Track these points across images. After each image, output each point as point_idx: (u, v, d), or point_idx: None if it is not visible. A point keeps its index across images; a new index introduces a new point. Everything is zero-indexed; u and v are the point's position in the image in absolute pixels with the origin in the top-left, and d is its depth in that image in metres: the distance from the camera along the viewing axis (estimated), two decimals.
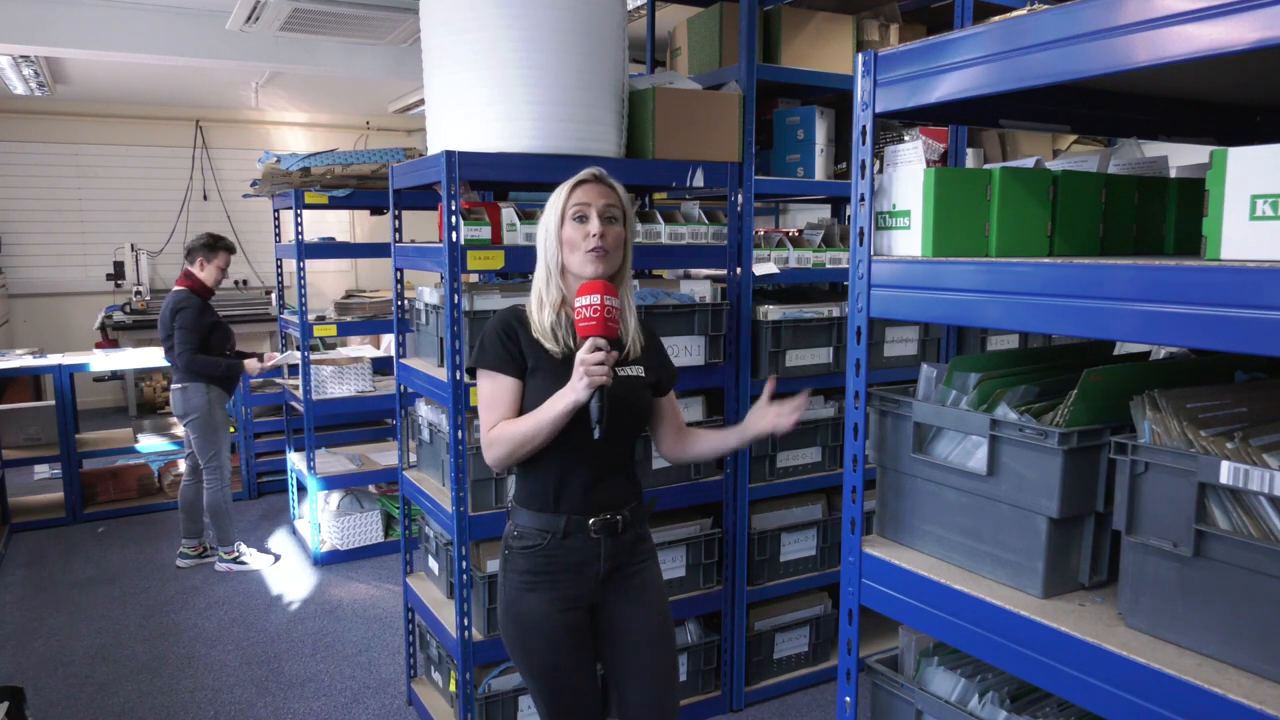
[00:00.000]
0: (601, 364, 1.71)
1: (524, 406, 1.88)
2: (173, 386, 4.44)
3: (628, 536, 1.94)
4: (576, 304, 1.76)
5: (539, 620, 1.89)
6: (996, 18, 1.31)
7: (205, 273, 4.44)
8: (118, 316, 7.69)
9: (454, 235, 2.51)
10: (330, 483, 4.75)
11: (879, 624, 1.80)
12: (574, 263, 1.88)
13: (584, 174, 1.93)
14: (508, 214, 2.65)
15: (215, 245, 4.47)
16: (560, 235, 1.88)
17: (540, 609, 1.89)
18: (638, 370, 1.95)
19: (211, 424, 4.43)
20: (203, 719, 3.18)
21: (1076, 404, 1.35)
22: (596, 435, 1.74)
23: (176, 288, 4.41)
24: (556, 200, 1.90)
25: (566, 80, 2.51)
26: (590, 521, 1.88)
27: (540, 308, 1.91)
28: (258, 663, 3.60)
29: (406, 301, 3.16)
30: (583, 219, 1.87)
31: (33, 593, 4.34)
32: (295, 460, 5.18)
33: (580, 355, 1.72)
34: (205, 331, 4.37)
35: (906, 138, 3.02)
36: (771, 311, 3.05)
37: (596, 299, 1.73)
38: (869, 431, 1.60)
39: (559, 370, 1.84)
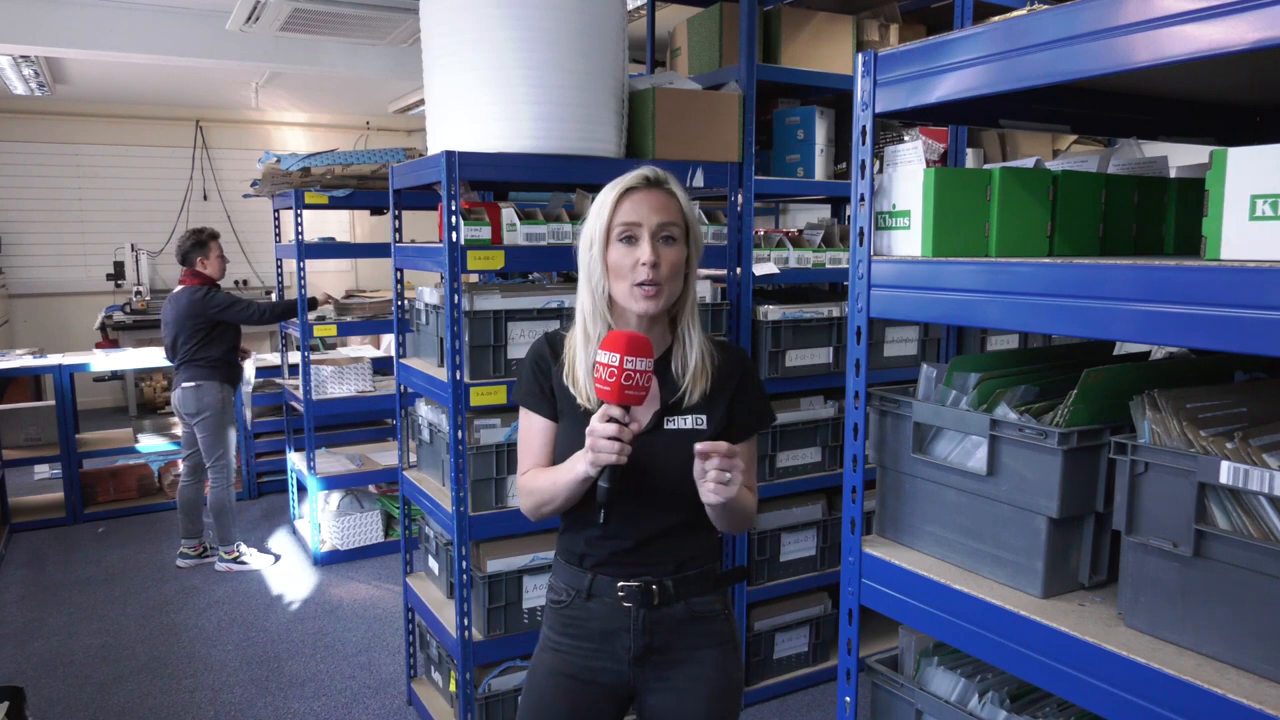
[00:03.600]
0: (614, 439, 1.41)
1: (555, 453, 1.64)
2: (184, 385, 4.40)
3: (673, 611, 1.60)
4: (596, 357, 1.46)
5: (540, 680, 1.66)
6: (996, 18, 1.31)
7: (210, 267, 4.46)
8: (118, 316, 7.70)
9: (454, 235, 2.51)
10: (330, 483, 4.75)
11: (879, 624, 1.80)
12: (620, 293, 1.55)
13: (633, 178, 1.55)
14: (508, 214, 2.65)
15: (203, 240, 4.46)
16: (606, 259, 1.54)
17: (549, 668, 1.65)
18: (695, 421, 1.59)
19: (223, 422, 4.45)
20: (203, 719, 3.18)
21: (1076, 404, 1.34)
22: (600, 520, 1.47)
23: (187, 285, 4.40)
24: (600, 212, 1.55)
25: (566, 80, 2.51)
26: (619, 584, 1.58)
27: (585, 344, 1.57)
28: (258, 663, 3.60)
29: (406, 301, 3.16)
30: (631, 240, 1.52)
31: (33, 593, 4.34)
32: (295, 460, 5.18)
33: (590, 424, 1.45)
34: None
35: (906, 138, 3.02)
36: (771, 311, 3.05)
37: (615, 359, 1.41)
38: (869, 431, 1.60)
39: (585, 423, 1.51)
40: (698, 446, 1.43)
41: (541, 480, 1.59)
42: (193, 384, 4.39)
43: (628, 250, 1.52)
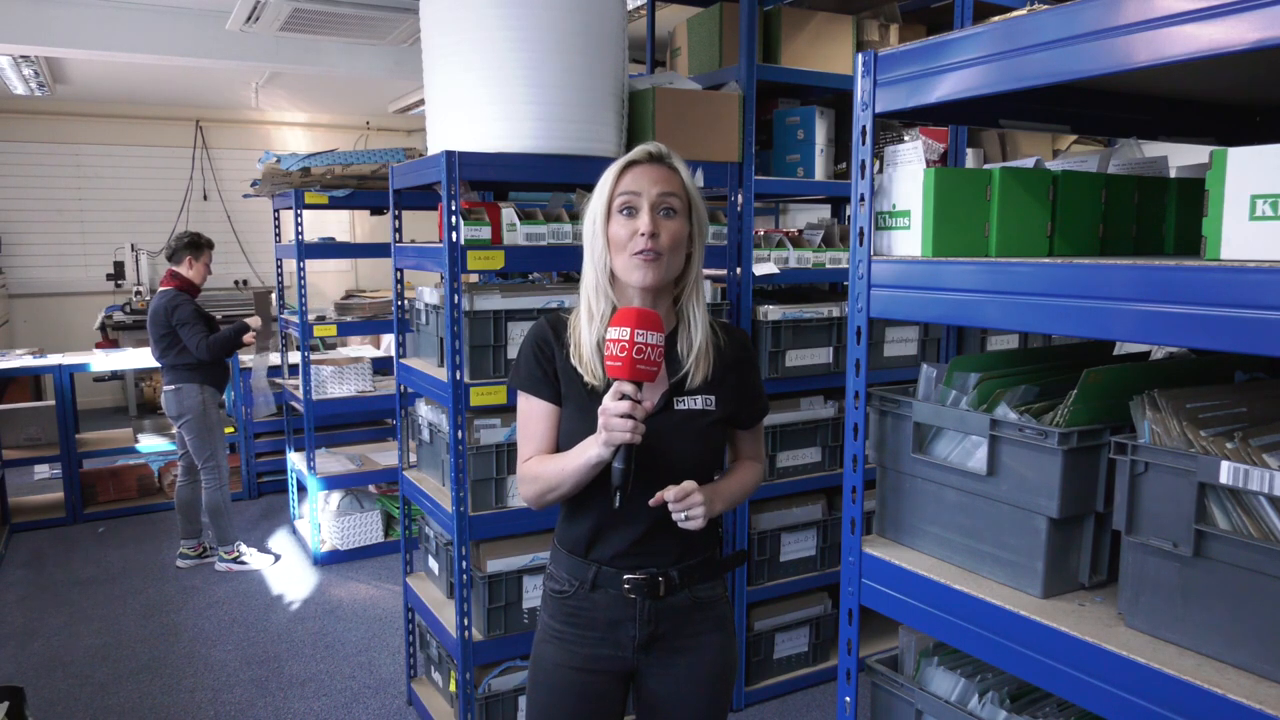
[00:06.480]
0: (628, 417, 1.41)
1: (560, 438, 1.62)
2: (165, 388, 4.43)
3: (677, 600, 1.61)
4: (606, 334, 1.46)
5: (548, 675, 1.65)
6: (996, 18, 1.31)
7: (194, 271, 4.45)
8: (118, 316, 7.70)
9: (454, 235, 2.51)
10: (330, 483, 4.75)
11: (879, 624, 1.80)
12: (620, 266, 1.55)
13: (637, 152, 1.57)
14: (508, 214, 2.65)
15: (200, 244, 4.47)
16: (607, 232, 1.55)
17: (554, 661, 1.64)
18: (705, 402, 1.60)
19: (206, 424, 4.43)
20: (203, 719, 3.18)
21: (1076, 404, 1.34)
22: (616, 504, 1.44)
23: (164, 288, 4.39)
24: (602, 187, 1.57)
25: (566, 80, 2.51)
26: (625, 577, 1.59)
27: (589, 322, 1.58)
28: (258, 663, 3.60)
29: (406, 301, 3.16)
30: (631, 212, 1.53)
31: (33, 593, 4.34)
32: (295, 460, 5.18)
33: (603, 403, 1.43)
34: (204, 325, 4.39)
35: (906, 138, 3.02)
36: (771, 311, 3.05)
37: (626, 333, 1.40)
38: (869, 431, 1.60)
39: (591, 405, 1.51)
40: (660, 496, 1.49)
41: (547, 467, 1.56)
42: (172, 387, 4.39)
43: (627, 222, 1.53)
